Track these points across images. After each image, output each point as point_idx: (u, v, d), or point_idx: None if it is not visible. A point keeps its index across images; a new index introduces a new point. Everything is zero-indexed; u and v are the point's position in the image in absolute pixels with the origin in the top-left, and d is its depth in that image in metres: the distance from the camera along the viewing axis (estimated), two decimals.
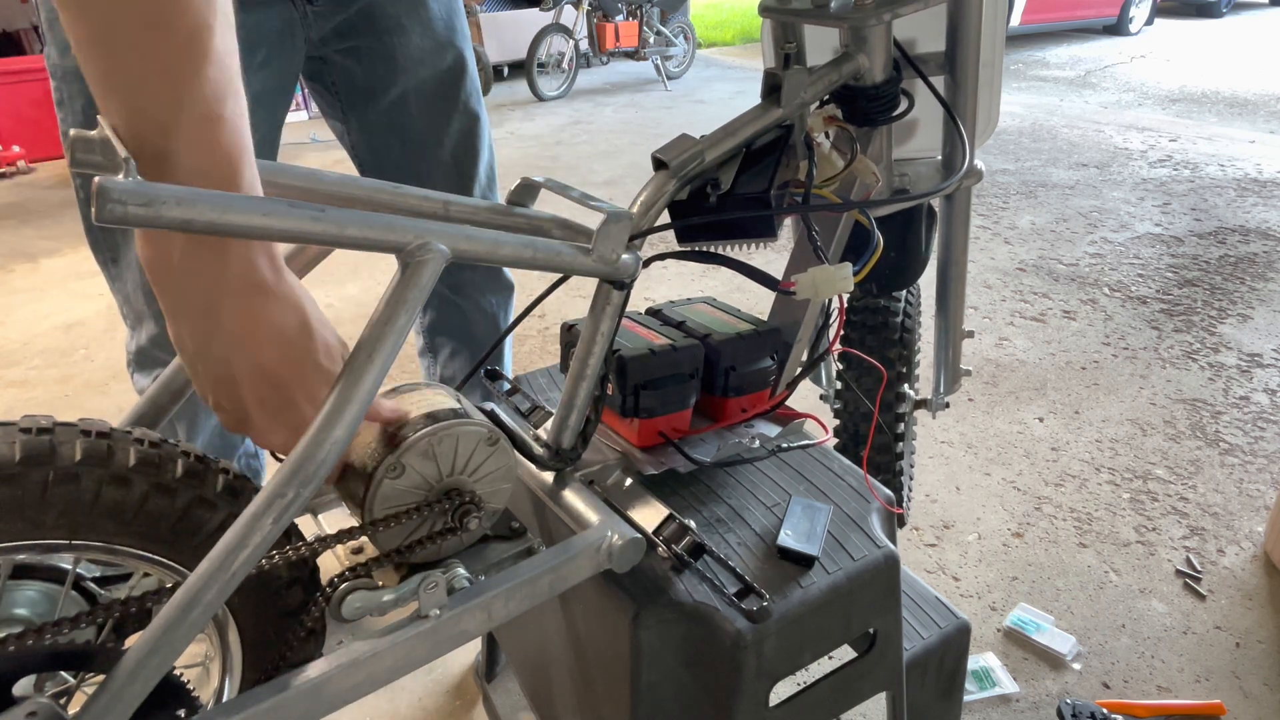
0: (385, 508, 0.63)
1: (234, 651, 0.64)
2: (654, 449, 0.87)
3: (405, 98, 1.10)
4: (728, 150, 0.75)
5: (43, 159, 4.68)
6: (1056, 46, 7.95)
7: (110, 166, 0.51)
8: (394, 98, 1.10)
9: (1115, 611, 1.46)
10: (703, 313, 0.95)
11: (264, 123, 1.01)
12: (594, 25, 6.64)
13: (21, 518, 0.51)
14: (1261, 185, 3.78)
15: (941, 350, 1.24)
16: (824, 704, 0.80)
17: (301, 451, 0.50)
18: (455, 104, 1.14)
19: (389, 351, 0.52)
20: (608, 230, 0.64)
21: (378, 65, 1.07)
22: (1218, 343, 2.40)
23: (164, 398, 0.69)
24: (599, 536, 0.69)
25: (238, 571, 0.50)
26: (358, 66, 1.07)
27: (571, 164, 4.46)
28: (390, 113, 1.11)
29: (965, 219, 1.09)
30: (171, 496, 0.56)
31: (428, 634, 0.60)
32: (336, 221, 0.50)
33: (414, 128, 1.12)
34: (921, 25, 0.97)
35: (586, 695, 0.85)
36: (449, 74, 1.12)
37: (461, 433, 0.64)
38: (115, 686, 0.49)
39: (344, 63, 1.07)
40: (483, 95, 1.18)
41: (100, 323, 2.68)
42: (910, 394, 1.34)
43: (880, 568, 0.76)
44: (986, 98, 1.07)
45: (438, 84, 1.11)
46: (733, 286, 2.83)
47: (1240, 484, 1.79)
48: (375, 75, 1.08)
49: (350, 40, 1.05)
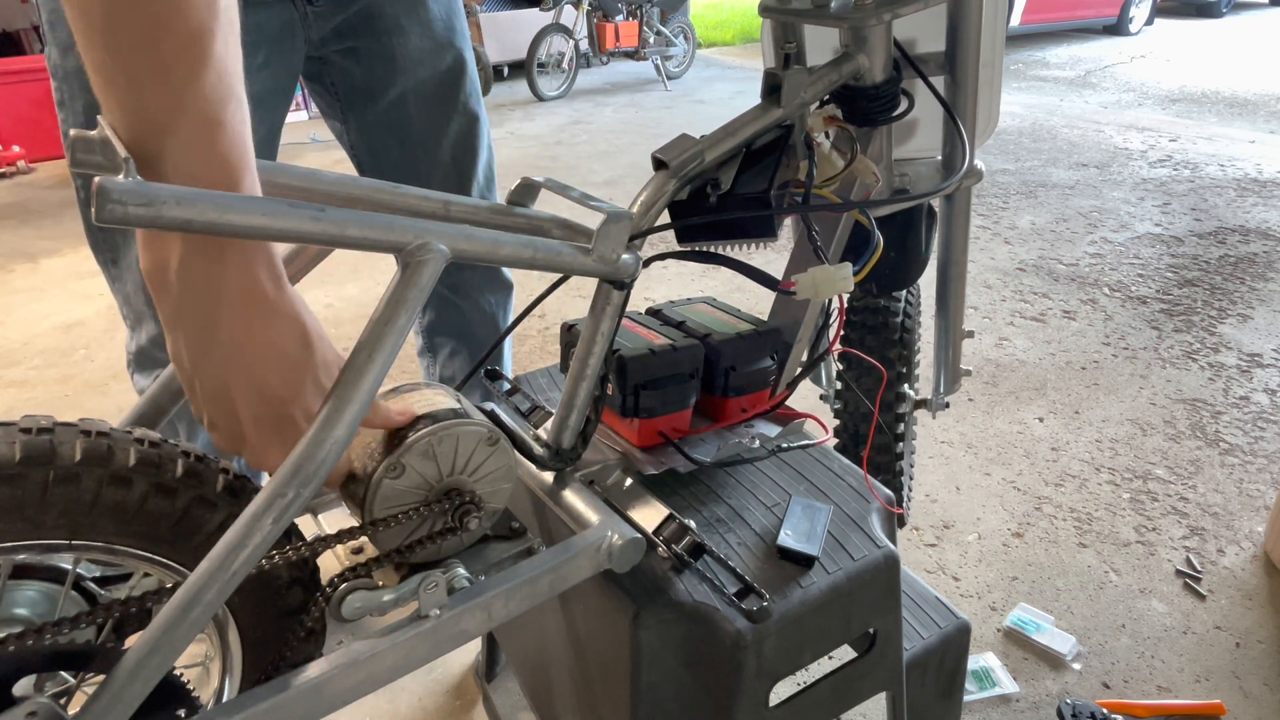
0: (385, 508, 0.63)
1: (234, 651, 0.64)
2: (654, 449, 0.87)
3: (404, 98, 1.10)
4: (728, 150, 0.75)
5: (43, 159, 4.68)
6: (1056, 46, 7.95)
7: (110, 166, 0.51)
8: (393, 98, 1.10)
9: (1115, 611, 1.46)
10: (703, 313, 0.95)
11: (264, 123, 1.02)
12: (594, 25, 6.64)
13: (21, 518, 0.51)
14: (1261, 185, 3.77)
15: (941, 350, 1.24)
16: (824, 704, 0.80)
17: (301, 452, 0.50)
18: (454, 104, 1.14)
19: (389, 351, 0.52)
20: (607, 230, 0.64)
21: (377, 66, 1.07)
22: (1218, 343, 2.40)
23: (164, 398, 0.69)
24: (599, 536, 0.69)
25: (238, 572, 0.50)
26: (357, 67, 1.07)
27: (571, 164, 4.46)
28: (389, 113, 1.11)
29: (965, 219, 1.09)
30: (171, 496, 0.56)
31: (427, 634, 0.60)
32: (336, 221, 0.50)
33: (413, 128, 1.12)
34: (922, 25, 0.97)
35: (586, 695, 0.85)
36: (448, 74, 1.12)
37: (461, 433, 0.64)
38: (115, 686, 0.49)
39: (343, 63, 1.07)
40: (483, 95, 1.18)
41: (100, 323, 2.68)
42: (911, 394, 1.34)
43: (880, 568, 0.76)
44: (987, 98, 1.07)
45: (437, 84, 1.11)
46: (733, 286, 2.83)
47: (1240, 484, 1.79)
48: (374, 76, 1.08)
49: (349, 41, 1.05)
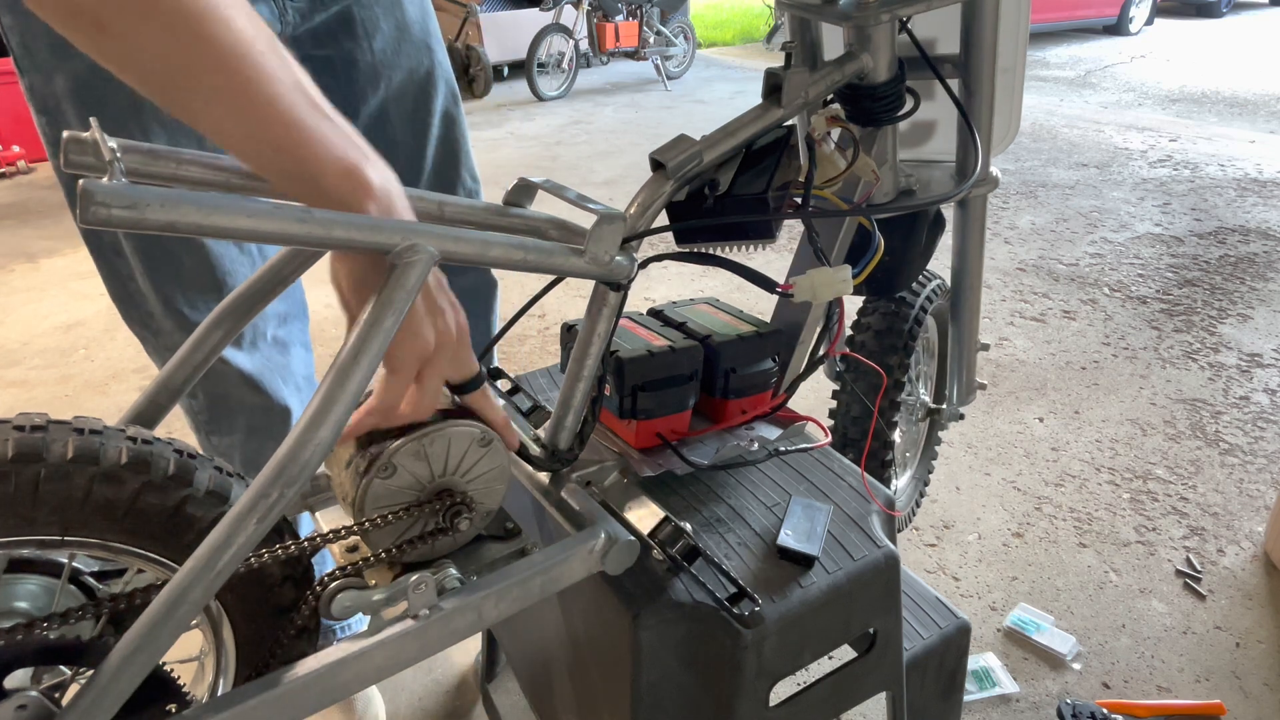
0: (376, 507, 0.62)
1: (228, 648, 0.64)
2: (653, 450, 0.86)
3: (385, 110, 1.05)
4: (726, 151, 0.75)
5: (42, 159, 4.67)
6: (1056, 46, 7.94)
7: (100, 168, 0.51)
8: (373, 110, 1.05)
9: (1115, 611, 1.46)
10: (704, 314, 0.95)
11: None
12: (594, 25, 6.63)
13: (14, 514, 0.52)
14: (1261, 185, 3.77)
15: (955, 361, 1.22)
16: (824, 704, 0.80)
17: (285, 452, 0.50)
18: (434, 110, 1.10)
19: (375, 353, 0.52)
20: (600, 231, 0.64)
21: (356, 75, 1.02)
22: (1218, 343, 2.40)
23: (163, 396, 0.69)
24: (592, 538, 0.68)
25: (223, 570, 0.50)
26: (334, 81, 1.01)
27: (571, 164, 4.46)
28: (371, 129, 1.05)
29: (980, 227, 1.06)
30: (162, 494, 0.55)
31: (417, 633, 0.60)
32: (323, 223, 0.50)
33: (396, 140, 1.08)
34: (942, 26, 0.96)
35: (586, 695, 0.85)
36: (426, 79, 1.08)
37: (453, 433, 0.64)
38: (102, 681, 0.49)
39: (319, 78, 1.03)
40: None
41: (100, 323, 2.68)
42: (926, 402, 1.33)
43: (880, 568, 0.76)
44: (1005, 104, 1.03)
45: (417, 91, 1.07)
46: (733, 287, 2.83)
47: (1240, 484, 1.79)
48: (354, 87, 1.03)
49: (327, 48, 0.99)
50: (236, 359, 1.02)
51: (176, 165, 0.58)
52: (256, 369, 1.04)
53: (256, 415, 1.07)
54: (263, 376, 1.04)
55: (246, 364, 1.03)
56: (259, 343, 1.05)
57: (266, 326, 1.05)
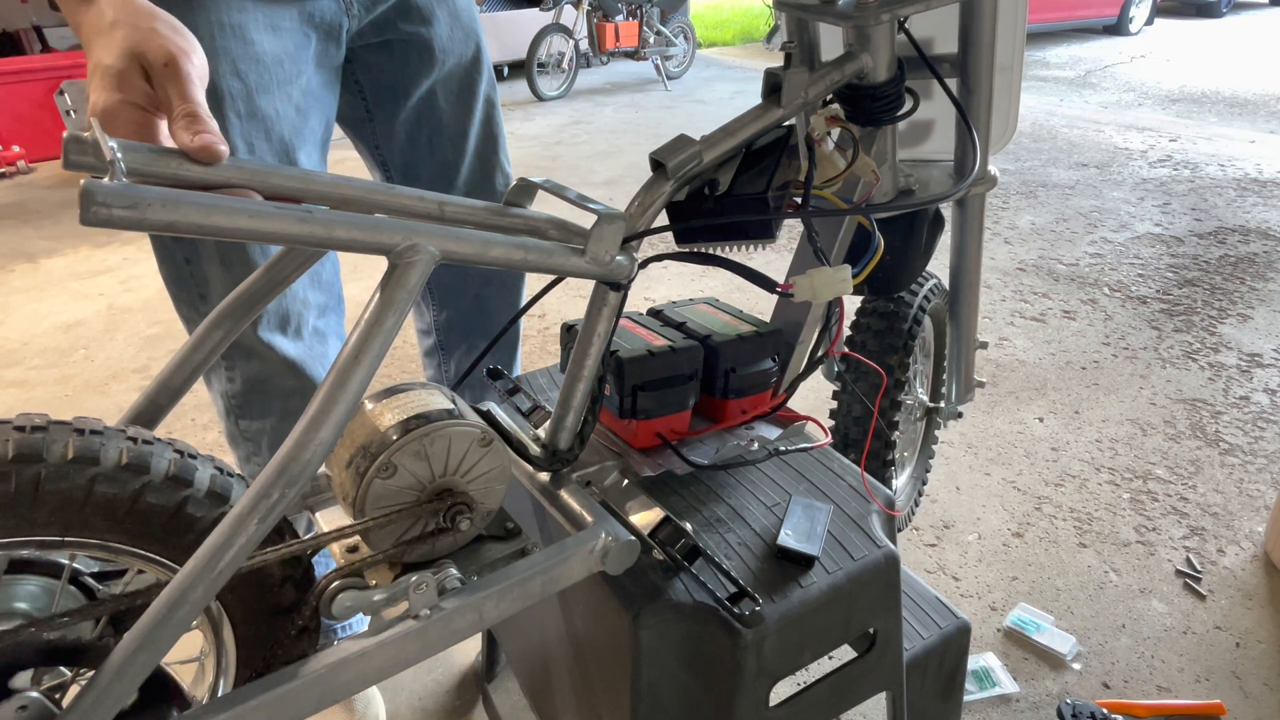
0: (377, 507, 0.62)
1: (229, 648, 0.64)
2: (653, 450, 0.86)
3: (434, 92, 1.11)
4: (726, 151, 0.75)
5: (43, 159, 4.68)
6: (1056, 46, 7.94)
7: (101, 168, 0.51)
8: (423, 92, 1.10)
9: (1115, 611, 1.46)
10: (704, 314, 0.95)
11: (321, 118, 1.01)
12: (594, 25, 6.64)
13: (14, 514, 0.52)
14: (1261, 185, 3.77)
15: (954, 360, 1.22)
16: (824, 704, 0.80)
17: (287, 452, 0.50)
18: (478, 93, 1.15)
19: (376, 353, 0.52)
20: (600, 231, 0.64)
21: (412, 58, 1.07)
22: (1218, 343, 2.40)
23: (163, 396, 0.69)
24: (592, 538, 0.68)
25: (223, 571, 0.50)
26: (390, 62, 1.07)
27: (571, 164, 4.46)
28: (420, 108, 1.11)
29: (978, 226, 1.07)
30: (162, 494, 0.55)
31: (417, 634, 0.60)
32: (324, 223, 0.50)
33: (443, 121, 1.13)
34: (940, 25, 0.96)
35: (586, 695, 0.85)
36: (473, 63, 1.13)
37: (454, 433, 0.64)
38: (102, 682, 0.49)
39: (374, 59, 1.07)
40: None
41: (100, 323, 2.68)
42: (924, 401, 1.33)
43: (880, 568, 0.76)
44: (1003, 103, 1.04)
45: (463, 74, 1.13)
46: (733, 286, 2.83)
47: (1240, 484, 1.79)
48: (408, 70, 1.08)
49: (385, 34, 1.05)
50: (281, 345, 1.02)
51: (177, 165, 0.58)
52: (300, 356, 1.05)
53: (293, 401, 1.07)
54: (306, 363, 1.05)
55: (291, 350, 1.04)
56: (303, 330, 1.06)
57: (308, 315, 1.06)
